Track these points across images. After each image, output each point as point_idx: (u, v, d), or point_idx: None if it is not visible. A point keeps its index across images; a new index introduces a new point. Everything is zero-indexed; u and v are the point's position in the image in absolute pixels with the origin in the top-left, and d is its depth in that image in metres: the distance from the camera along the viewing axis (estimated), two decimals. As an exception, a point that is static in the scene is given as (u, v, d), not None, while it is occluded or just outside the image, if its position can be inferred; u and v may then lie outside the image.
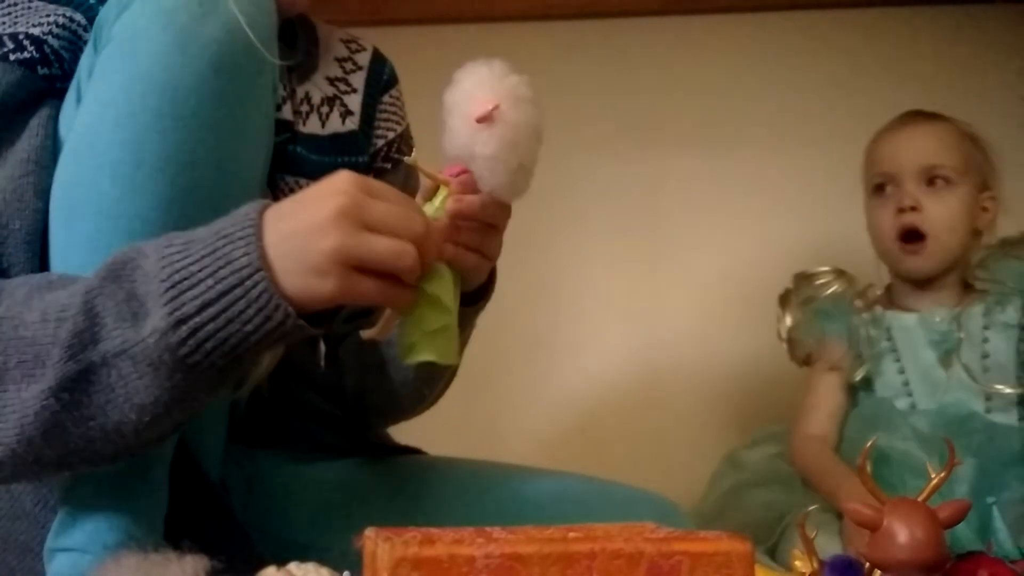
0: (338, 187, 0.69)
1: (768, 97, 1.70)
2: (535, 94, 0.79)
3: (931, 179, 1.34)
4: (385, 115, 1.10)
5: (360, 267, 0.69)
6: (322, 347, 1.06)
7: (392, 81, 1.12)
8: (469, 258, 0.81)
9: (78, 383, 0.67)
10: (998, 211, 1.38)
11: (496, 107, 0.76)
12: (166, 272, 0.66)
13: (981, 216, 1.37)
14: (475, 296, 0.88)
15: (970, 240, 1.36)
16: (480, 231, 0.81)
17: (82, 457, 0.71)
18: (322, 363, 1.06)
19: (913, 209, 1.33)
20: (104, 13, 0.77)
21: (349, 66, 1.08)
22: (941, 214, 1.33)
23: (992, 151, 1.39)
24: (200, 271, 0.66)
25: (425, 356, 0.76)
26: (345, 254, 0.67)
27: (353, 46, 1.09)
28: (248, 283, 0.66)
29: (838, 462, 1.29)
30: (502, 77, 0.78)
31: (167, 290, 0.66)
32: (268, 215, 0.68)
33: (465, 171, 0.78)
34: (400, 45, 1.65)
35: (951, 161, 1.34)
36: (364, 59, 1.10)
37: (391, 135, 1.10)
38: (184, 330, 0.66)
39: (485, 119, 0.76)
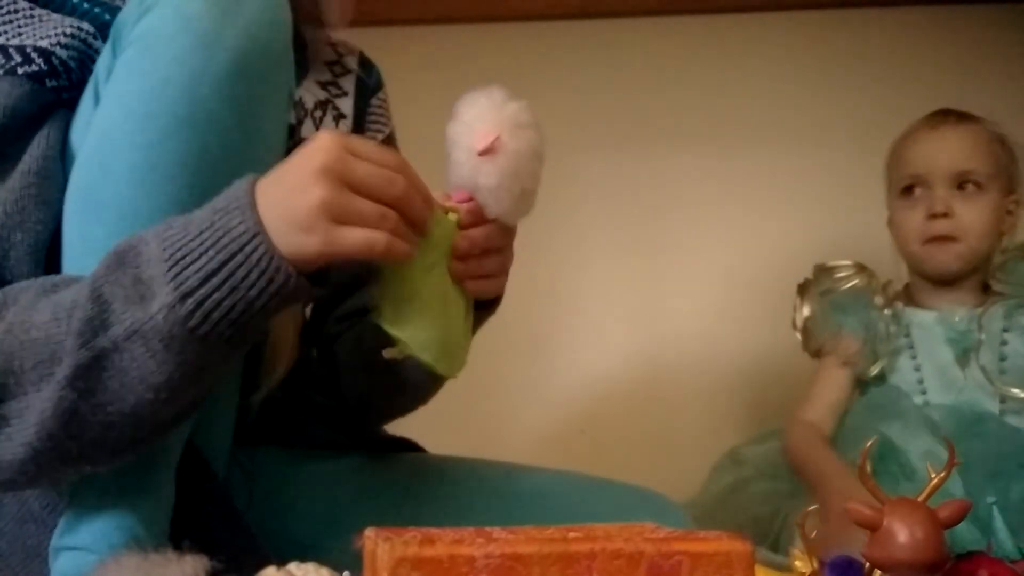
0: (320, 144, 0.70)
1: (768, 97, 1.70)
2: (534, 118, 0.81)
3: (962, 184, 1.33)
4: (374, 118, 1.11)
5: (345, 222, 0.70)
6: (314, 352, 1.06)
7: (379, 85, 1.13)
8: (489, 284, 0.83)
9: (92, 370, 0.68)
10: (1020, 215, 1.38)
11: (497, 138, 0.78)
12: (167, 252, 0.67)
13: (1006, 219, 1.37)
14: (487, 302, 0.89)
15: (995, 243, 1.36)
16: (490, 256, 0.83)
17: (103, 447, 0.71)
18: (316, 359, 1.06)
19: (945, 215, 1.32)
20: (124, 16, 0.78)
21: (338, 69, 1.09)
22: (972, 220, 1.32)
23: (1019, 152, 1.39)
24: (200, 245, 0.67)
25: (425, 355, 0.77)
26: (328, 208, 0.69)
27: (340, 49, 1.10)
28: (248, 248, 0.67)
29: (828, 452, 1.29)
30: (501, 106, 0.80)
31: (170, 268, 0.67)
32: (259, 185, 0.70)
33: (471, 198, 0.80)
34: (400, 45, 1.66)
35: (983, 167, 1.34)
36: (352, 63, 1.11)
37: (380, 137, 1.11)
38: (191, 303, 0.67)
39: (487, 151, 0.78)
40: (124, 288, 0.68)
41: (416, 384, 0.95)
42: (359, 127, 1.08)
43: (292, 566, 0.66)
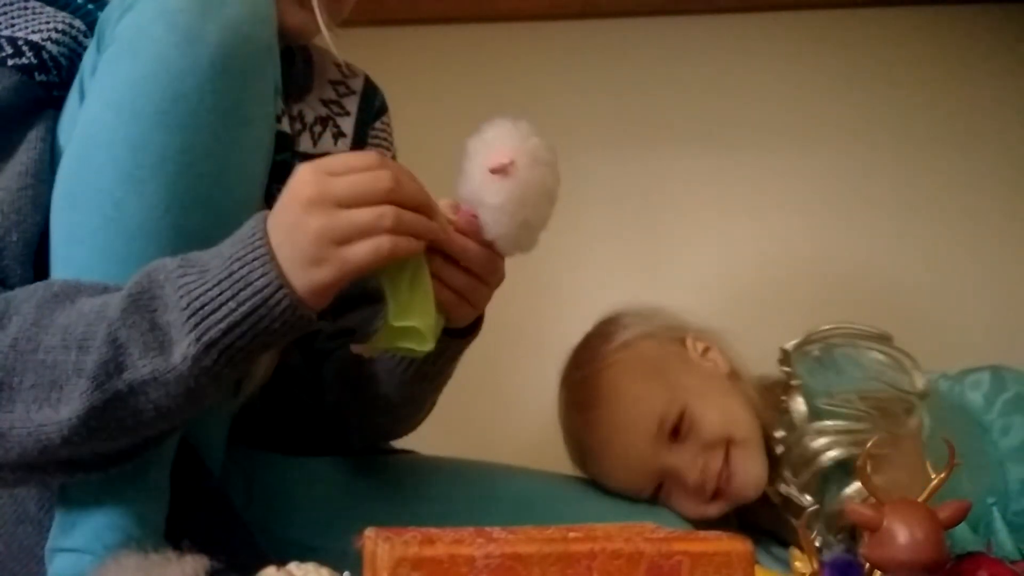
0: (300, 179, 0.71)
1: (768, 97, 1.70)
2: (555, 158, 0.81)
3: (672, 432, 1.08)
4: (376, 140, 1.11)
5: (348, 240, 0.70)
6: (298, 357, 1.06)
7: (383, 108, 1.13)
8: (447, 295, 0.81)
9: (105, 411, 0.69)
10: (720, 356, 1.17)
11: (511, 162, 0.78)
12: (185, 300, 0.68)
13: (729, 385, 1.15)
14: (458, 332, 0.87)
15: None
16: (468, 277, 0.81)
17: (93, 466, 0.73)
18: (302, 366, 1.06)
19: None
20: (107, 13, 0.78)
21: (342, 89, 1.09)
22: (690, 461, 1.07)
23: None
24: (220, 295, 0.68)
25: (398, 342, 0.77)
26: (326, 234, 0.69)
27: (346, 71, 1.10)
28: (271, 301, 0.68)
29: None
30: (525, 137, 0.79)
31: (189, 317, 0.68)
32: (269, 232, 0.70)
33: (475, 217, 0.80)
34: (400, 45, 1.66)
35: (660, 407, 1.07)
36: (357, 84, 1.11)
37: None
38: (215, 352, 0.68)
39: (498, 171, 0.78)
40: (142, 333, 0.69)
41: (400, 403, 0.95)
42: (358, 148, 1.07)
43: (292, 566, 0.66)
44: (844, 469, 1.06)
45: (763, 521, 1.13)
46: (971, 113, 1.67)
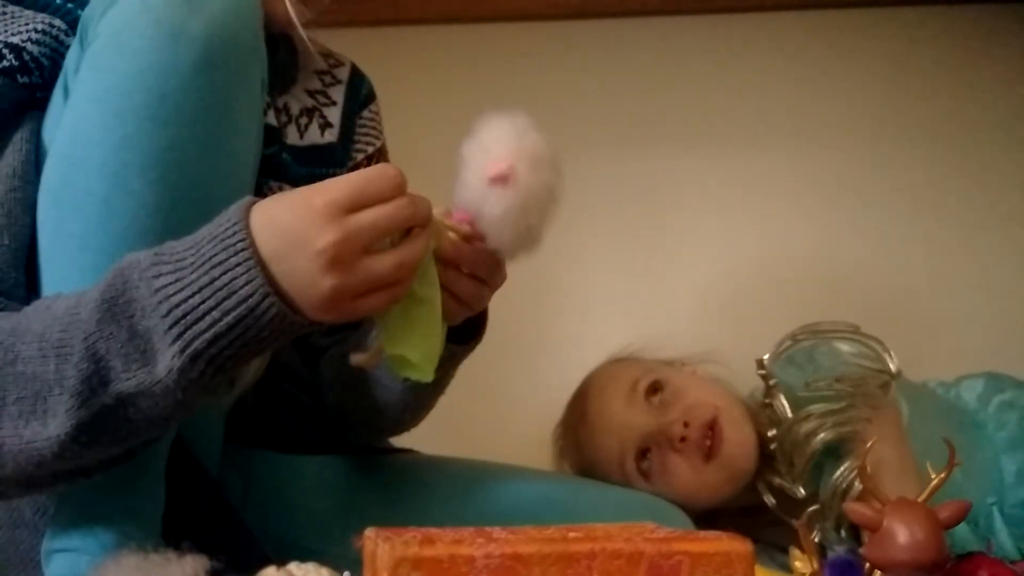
0: (312, 218, 0.67)
1: (769, 97, 1.70)
2: (555, 154, 0.77)
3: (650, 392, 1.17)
4: (364, 129, 1.10)
5: (363, 295, 0.69)
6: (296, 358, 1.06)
7: (370, 96, 1.12)
8: (451, 304, 0.79)
9: (94, 425, 0.68)
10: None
11: (512, 168, 0.74)
12: (164, 307, 0.66)
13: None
14: (460, 337, 0.87)
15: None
16: (474, 283, 0.80)
17: (93, 470, 0.72)
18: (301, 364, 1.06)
19: (683, 440, 1.12)
20: (90, 10, 0.77)
21: (328, 79, 1.07)
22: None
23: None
24: (202, 304, 0.65)
25: (410, 372, 0.76)
26: (342, 293, 0.68)
27: (332, 60, 1.09)
28: (258, 311, 0.66)
29: None
30: (522, 135, 0.76)
31: (171, 327, 0.66)
32: (259, 241, 0.67)
33: (473, 221, 0.77)
34: (400, 45, 1.66)
35: (635, 374, 1.19)
36: (343, 73, 1.09)
37: (370, 149, 1.09)
38: (201, 363, 0.66)
39: (499, 180, 0.74)
40: (121, 344, 0.66)
41: (400, 406, 0.94)
42: (346, 138, 1.07)
43: (292, 566, 0.66)
44: (834, 454, 1.09)
45: (761, 534, 1.14)
46: (971, 114, 1.67)
